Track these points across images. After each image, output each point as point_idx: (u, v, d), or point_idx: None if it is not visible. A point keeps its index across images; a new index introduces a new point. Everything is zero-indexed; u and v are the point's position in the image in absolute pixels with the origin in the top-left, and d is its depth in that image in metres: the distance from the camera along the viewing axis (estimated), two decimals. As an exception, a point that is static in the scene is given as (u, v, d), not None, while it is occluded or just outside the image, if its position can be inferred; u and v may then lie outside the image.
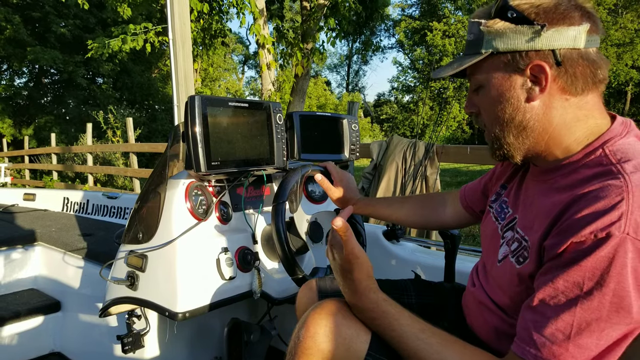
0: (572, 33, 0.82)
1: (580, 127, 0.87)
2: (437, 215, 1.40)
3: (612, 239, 0.71)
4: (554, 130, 0.88)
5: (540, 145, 0.90)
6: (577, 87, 0.85)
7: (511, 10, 0.85)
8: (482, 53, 0.89)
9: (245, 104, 1.45)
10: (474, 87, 0.96)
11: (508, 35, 0.86)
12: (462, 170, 13.46)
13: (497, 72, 0.90)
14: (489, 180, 1.24)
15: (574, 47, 0.83)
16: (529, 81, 0.87)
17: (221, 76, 30.79)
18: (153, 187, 1.47)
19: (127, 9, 8.63)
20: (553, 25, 0.82)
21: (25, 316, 2.15)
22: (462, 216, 1.34)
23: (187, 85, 3.13)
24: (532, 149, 0.92)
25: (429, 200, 1.45)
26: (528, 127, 0.89)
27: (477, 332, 1.06)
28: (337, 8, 8.98)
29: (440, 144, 3.74)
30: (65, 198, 3.21)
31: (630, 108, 24.55)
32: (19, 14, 16.61)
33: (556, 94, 0.86)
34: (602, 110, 0.89)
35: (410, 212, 1.44)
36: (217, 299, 1.38)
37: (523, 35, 0.84)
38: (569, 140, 0.88)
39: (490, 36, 0.88)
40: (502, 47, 0.87)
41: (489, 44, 0.88)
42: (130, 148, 8.21)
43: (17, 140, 18.07)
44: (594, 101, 0.88)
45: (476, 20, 0.91)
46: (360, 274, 0.95)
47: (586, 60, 0.84)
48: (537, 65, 0.84)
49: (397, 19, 31.70)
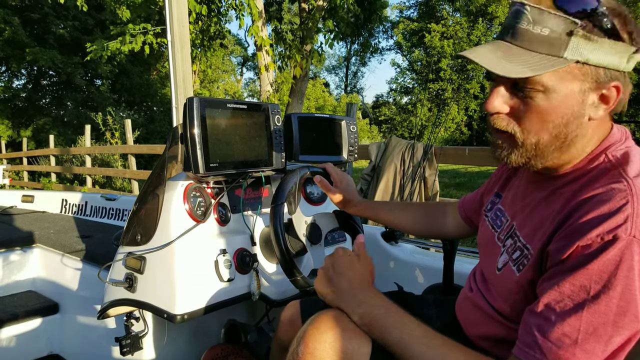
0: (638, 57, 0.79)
1: (593, 139, 0.86)
2: (438, 226, 1.40)
3: (618, 242, 0.71)
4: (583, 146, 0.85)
5: (566, 159, 0.86)
6: (618, 108, 0.83)
7: (606, 19, 0.76)
8: (566, 59, 0.77)
9: (243, 106, 1.45)
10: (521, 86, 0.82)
11: (604, 49, 0.76)
12: (461, 172, 13.47)
13: (573, 82, 0.79)
14: (484, 186, 1.24)
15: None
16: (597, 99, 0.81)
17: (220, 78, 30.78)
18: (151, 189, 1.47)
19: (126, 11, 8.65)
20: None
21: (24, 318, 2.14)
22: (462, 227, 1.34)
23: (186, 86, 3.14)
24: (557, 162, 0.87)
25: (431, 209, 1.44)
26: (573, 143, 0.84)
27: (472, 338, 1.05)
28: (335, 10, 8.99)
29: (438, 146, 3.74)
30: (63, 200, 3.21)
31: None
32: (18, 15, 16.59)
33: (607, 114, 0.83)
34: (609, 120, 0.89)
35: (412, 219, 1.44)
36: (215, 301, 1.38)
37: (617, 53, 0.77)
38: (580, 151, 0.86)
39: (582, 43, 0.76)
40: (594, 59, 0.77)
41: (577, 51, 0.77)
42: (129, 150, 8.20)
43: (15, 141, 18.04)
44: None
45: (563, 15, 0.77)
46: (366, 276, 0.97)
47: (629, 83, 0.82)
48: (616, 86, 0.79)
49: (395, 21, 31.72)
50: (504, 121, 0.86)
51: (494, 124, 0.87)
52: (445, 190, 9.23)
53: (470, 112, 24.88)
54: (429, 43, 25.35)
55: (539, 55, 0.79)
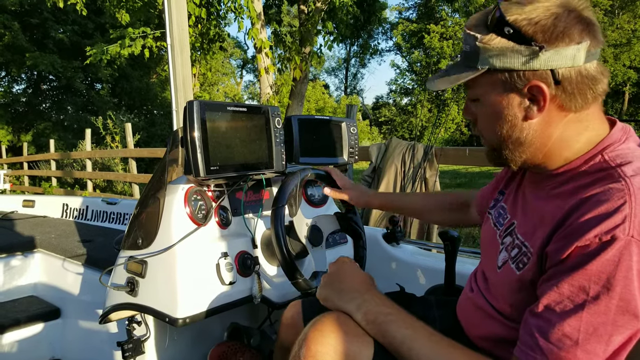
0: (571, 52, 0.79)
1: (580, 139, 0.86)
2: (466, 216, 1.43)
3: (617, 242, 0.71)
4: (552, 144, 0.87)
5: (538, 157, 0.90)
6: (577, 104, 0.83)
7: (508, 26, 0.81)
8: (479, 69, 0.86)
9: (243, 109, 1.45)
10: (471, 98, 0.93)
11: (505, 54, 0.82)
12: (461, 172, 13.47)
13: (494, 89, 0.87)
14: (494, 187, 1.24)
15: (572, 65, 0.80)
16: (526, 100, 0.84)
17: (219, 80, 30.82)
18: (152, 193, 1.47)
19: (125, 14, 8.66)
20: (552, 46, 0.79)
21: (25, 323, 2.14)
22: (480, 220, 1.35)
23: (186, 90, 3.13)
24: (530, 161, 0.91)
25: (455, 200, 1.47)
26: (525, 143, 0.88)
27: (473, 339, 1.05)
28: (334, 12, 9.00)
29: (439, 146, 3.75)
30: (64, 204, 3.21)
31: (629, 108, 24.60)
32: (18, 20, 16.63)
33: (555, 111, 0.84)
34: (601, 119, 0.88)
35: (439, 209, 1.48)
36: (217, 304, 1.38)
37: (521, 55, 0.81)
38: (568, 152, 0.87)
39: (486, 53, 0.84)
40: (499, 65, 0.83)
41: (485, 61, 0.85)
42: (129, 153, 8.21)
43: (16, 146, 18.06)
44: (594, 113, 0.87)
45: (472, 34, 0.86)
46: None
47: (585, 77, 0.81)
48: (535, 85, 0.82)
49: (394, 22, 31.77)
50: (474, 127, 0.97)
51: (472, 129, 0.99)
52: (446, 190, 9.23)
53: (470, 113, 24.82)
54: (429, 44, 25.39)
55: (465, 70, 0.88)
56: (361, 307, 0.97)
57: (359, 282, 1.05)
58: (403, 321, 0.92)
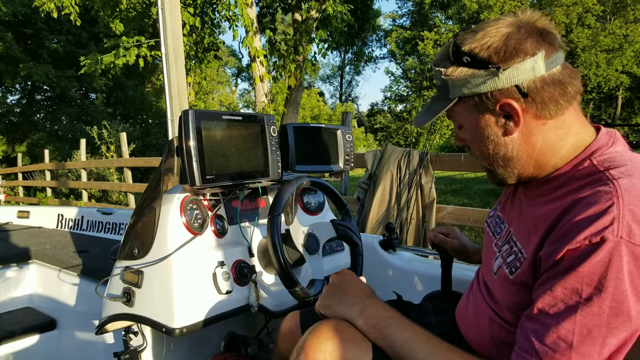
0: (529, 65, 0.83)
1: (564, 144, 0.89)
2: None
3: (606, 244, 0.72)
4: (538, 154, 0.90)
5: (529, 169, 0.93)
6: (550, 111, 0.86)
7: (465, 55, 0.87)
8: (451, 100, 0.92)
9: (239, 117, 1.45)
10: (456, 126, 0.99)
11: (468, 80, 0.88)
12: (457, 178, 13.50)
13: (470, 114, 0.92)
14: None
15: (535, 77, 0.84)
16: (502, 118, 0.89)
17: (214, 89, 30.88)
18: (148, 202, 1.47)
19: (120, 24, 8.68)
20: (507, 64, 0.84)
21: (21, 335, 2.12)
22: None
23: (181, 99, 3.14)
24: (523, 174, 0.94)
25: None
26: (513, 157, 0.92)
27: (472, 343, 1.06)
28: (328, 20, 9.05)
29: (434, 153, 3.76)
30: (59, 215, 3.19)
31: (622, 112, 24.77)
32: (11, 31, 16.63)
33: (531, 122, 0.88)
34: (583, 123, 0.91)
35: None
36: (214, 314, 1.37)
37: (482, 79, 0.86)
38: (556, 158, 0.90)
39: (453, 84, 0.90)
40: (467, 91, 0.89)
41: (455, 90, 0.91)
42: (125, 163, 8.19)
43: (10, 157, 18.00)
44: (573, 116, 0.89)
45: (438, 69, 0.93)
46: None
47: (551, 84, 0.85)
48: (505, 103, 0.86)
49: (388, 29, 31.94)
50: (469, 150, 1.01)
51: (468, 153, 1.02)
52: (442, 197, 9.23)
53: (464, 119, 24.94)
54: (423, 51, 25.52)
55: (441, 102, 0.95)
56: (362, 312, 0.98)
57: (360, 290, 1.06)
58: (403, 325, 0.94)
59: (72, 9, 8.36)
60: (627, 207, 0.73)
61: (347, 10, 9.22)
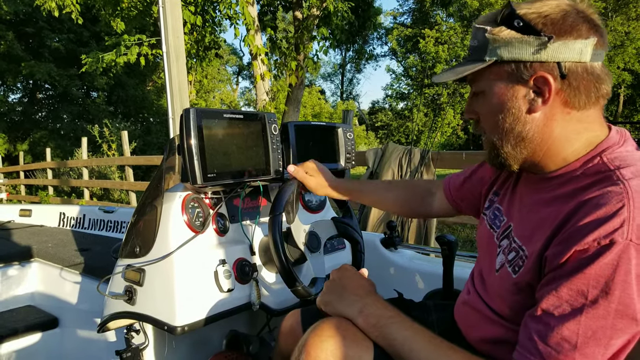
0: (579, 46, 0.81)
1: (579, 138, 0.87)
2: (424, 206, 1.41)
3: (615, 246, 0.71)
4: (553, 142, 0.87)
5: (538, 155, 0.89)
6: (580, 101, 0.84)
7: (518, 19, 0.83)
8: (486, 61, 0.87)
9: (240, 116, 1.45)
10: (474, 93, 0.94)
11: (513, 44, 0.84)
12: (458, 176, 13.47)
13: (500, 80, 0.88)
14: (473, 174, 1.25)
15: (579, 60, 0.81)
16: (531, 92, 0.85)
17: (215, 87, 30.85)
18: (149, 201, 1.47)
19: (121, 23, 8.67)
20: (560, 38, 0.81)
21: (23, 333, 2.13)
22: (447, 208, 1.34)
23: (182, 97, 3.14)
24: (529, 159, 0.91)
25: (416, 189, 1.44)
26: (527, 137, 0.88)
27: (471, 341, 1.05)
28: (329, 18, 9.03)
29: (435, 151, 3.75)
30: (61, 213, 3.20)
31: (624, 110, 24.71)
32: (13, 29, 16.63)
33: (558, 106, 0.85)
34: (602, 123, 0.89)
35: (397, 199, 1.44)
36: (215, 312, 1.37)
37: (529, 46, 0.82)
38: (567, 151, 0.87)
39: (495, 44, 0.85)
40: (507, 56, 0.85)
41: (493, 52, 0.86)
42: (126, 161, 8.20)
43: (12, 155, 18.02)
44: (595, 115, 0.87)
45: (481, 26, 0.88)
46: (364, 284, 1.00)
47: (591, 74, 0.83)
48: (542, 76, 0.83)
49: (389, 27, 31.87)
50: (476, 125, 0.97)
51: (471, 129, 0.93)
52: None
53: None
54: (424, 49, 25.44)
55: (472, 63, 0.89)
56: (362, 311, 0.98)
57: (360, 287, 1.06)
58: (404, 324, 0.93)
59: (73, 8, 8.35)
60: (637, 210, 0.72)
61: (347, 8, 9.21)
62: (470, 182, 1.25)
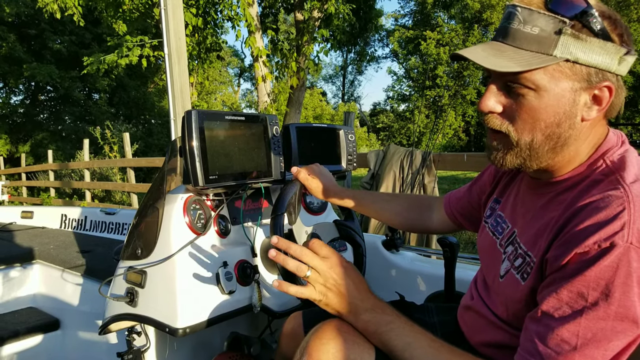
0: (631, 60, 0.79)
1: (589, 144, 0.86)
2: (422, 220, 1.40)
3: (615, 249, 0.71)
4: (577, 149, 0.85)
5: (560, 161, 0.86)
6: (612, 112, 0.84)
7: (596, 20, 0.77)
8: (556, 57, 0.78)
9: (241, 117, 1.45)
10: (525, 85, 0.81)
11: (594, 48, 0.77)
12: (460, 178, 13.47)
13: (564, 81, 0.79)
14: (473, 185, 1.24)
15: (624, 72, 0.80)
16: (589, 100, 0.81)
17: (217, 89, 30.91)
18: (151, 202, 1.47)
19: (122, 25, 8.68)
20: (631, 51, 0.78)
21: (24, 335, 2.13)
22: (447, 223, 1.34)
23: (184, 99, 3.14)
24: (551, 164, 0.87)
25: (416, 203, 1.44)
26: (567, 143, 0.83)
27: (475, 345, 1.05)
28: (330, 20, 9.04)
29: (436, 152, 3.75)
30: (63, 215, 3.20)
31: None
32: (15, 32, 16.68)
33: (600, 117, 0.84)
34: (603, 124, 0.89)
35: (396, 212, 1.43)
36: (217, 314, 1.37)
37: (608, 54, 0.77)
38: (579, 158, 0.86)
39: (571, 42, 0.77)
40: (584, 59, 0.77)
41: (566, 50, 0.77)
42: (128, 163, 8.21)
43: (14, 157, 18.06)
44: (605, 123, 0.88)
45: (552, 15, 0.78)
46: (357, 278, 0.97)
47: (622, 87, 0.82)
48: (607, 87, 0.79)
49: (390, 29, 31.87)
50: (497, 120, 0.86)
51: (488, 123, 0.87)
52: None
53: (467, 118, 24.94)
54: (425, 50, 25.46)
55: (529, 53, 0.79)
56: (361, 317, 0.96)
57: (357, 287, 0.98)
58: (404, 329, 0.92)
59: (75, 10, 8.38)
60: (638, 213, 0.72)
61: (349, 10, 9.21)
62: (470, 194, 1.25)
